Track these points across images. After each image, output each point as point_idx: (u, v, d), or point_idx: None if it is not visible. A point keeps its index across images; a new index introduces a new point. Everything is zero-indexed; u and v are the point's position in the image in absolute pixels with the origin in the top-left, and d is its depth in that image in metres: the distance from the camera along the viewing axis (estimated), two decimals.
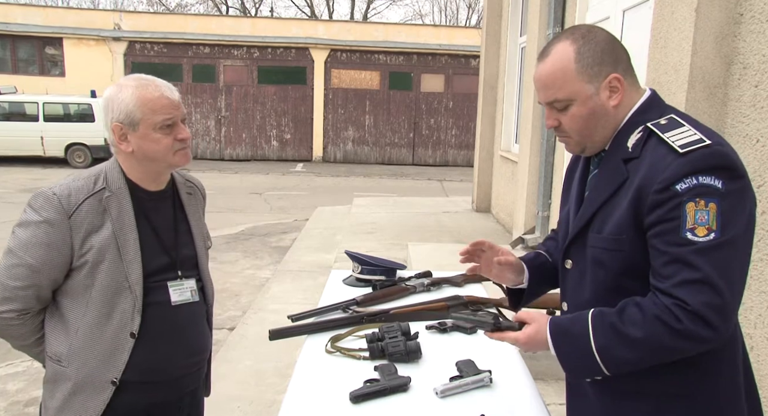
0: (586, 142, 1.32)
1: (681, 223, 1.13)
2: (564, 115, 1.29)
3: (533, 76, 1.35)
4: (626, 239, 1.22)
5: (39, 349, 1.67)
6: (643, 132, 1.25)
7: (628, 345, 1.17)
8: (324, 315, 2.02)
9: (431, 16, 37.90)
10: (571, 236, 1.37)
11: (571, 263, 1.39)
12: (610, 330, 1.19)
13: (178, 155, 1.64)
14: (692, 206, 1.13)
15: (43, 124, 14.71)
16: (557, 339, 1.26)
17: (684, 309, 1.12)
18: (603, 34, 1.29)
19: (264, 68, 18.54)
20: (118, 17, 18.38)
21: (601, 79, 1.26)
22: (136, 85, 1.59)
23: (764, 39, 2.43)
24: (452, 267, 3.01)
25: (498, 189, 7.95)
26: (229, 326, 4.68)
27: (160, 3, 31.06)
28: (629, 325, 1.17)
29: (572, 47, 1.26)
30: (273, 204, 10.90)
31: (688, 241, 1.13)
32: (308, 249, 6.99)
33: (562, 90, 1.27)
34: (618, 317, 1.19)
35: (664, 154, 1.18)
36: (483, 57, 8.33)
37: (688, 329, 1.12)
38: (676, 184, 1.14)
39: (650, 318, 1.15)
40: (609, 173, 1.29)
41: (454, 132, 19.19)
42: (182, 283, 1.71)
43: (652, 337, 1.15)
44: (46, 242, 1.53)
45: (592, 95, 1.26)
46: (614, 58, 1.27)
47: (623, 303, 1.21)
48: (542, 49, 1.33)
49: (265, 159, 18.78)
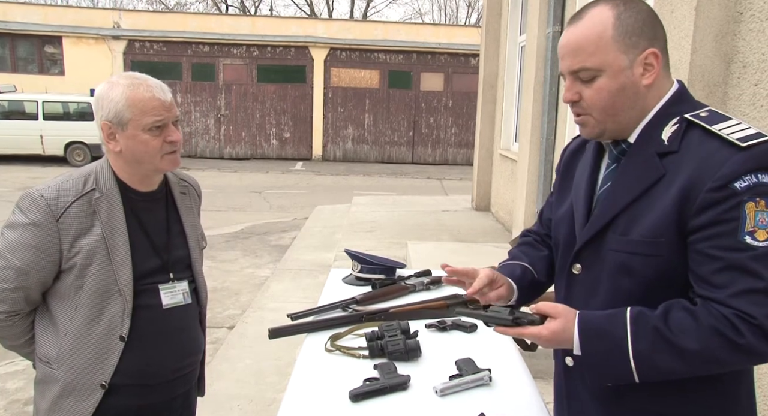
0: (608, 123, 1.18)
1: (739, 226, 1.02)
2: (588, 88, 1.16)
3: (560, 42, 1.19)
4: (665, 243, 1.10)
5: (29, 350, 1.66)
6: (680, 123, 1.13)
7: (676, 355, 1.05)
8: (323, 313, 2.01)
9: (431, 14, 37.92)
10: (586, 238, 1.22)
11: (580, 268, 1.25)
12: (655, 335, 1.06)
13: (165, 159, 1.60)
14: (752, 207, 1.02)
15: (42, 122, 14.69)
16: (587, 338, 1.12)
17: (747, 322, 1.00)
18: (645, 5, 1.16)
19: (263, 67, 18.52)
20: (118, 16, 18.35)
21: (637, 52, 1.13)
22: (127, 84, 1.55)
23: (764, 37, 2.43)
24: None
25: (497, 187, 7.95)
26: (229, 325, 4.68)
27: (159, 2, 31.04)
28: (679, 333, 1.04)
29: (612, 12, 1.13)
30: (272, 202, 10.90)
31: (747, 246, 1.02)
32: (308, 248, 6.98)
33: (594, 57, 1.13)
34: (663, 322, 1.06)
35: (717, 149, 1.06)
36: (482, 55, 8.33)
37: (751, 344, 1.01)
38: (735, 181, 1.02)
39: (707, 329, 1.03)
40: (638, 168, 1.15)
41: (453, 130, 19.18)
42: (174, 286, 1.69)
43: (707, 350, 1.03)
44: (34, 244, 1.51)
45: (625, 68, 1.13)
46: (655, 33, 1.15)
47: (666, 305, 1.09)
48: (576, 12, 1.20)
49: (264, 157, 18.77)
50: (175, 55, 18.14)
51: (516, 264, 1.48)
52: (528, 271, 1.46)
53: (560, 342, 1.15)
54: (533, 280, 1.45)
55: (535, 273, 1.46)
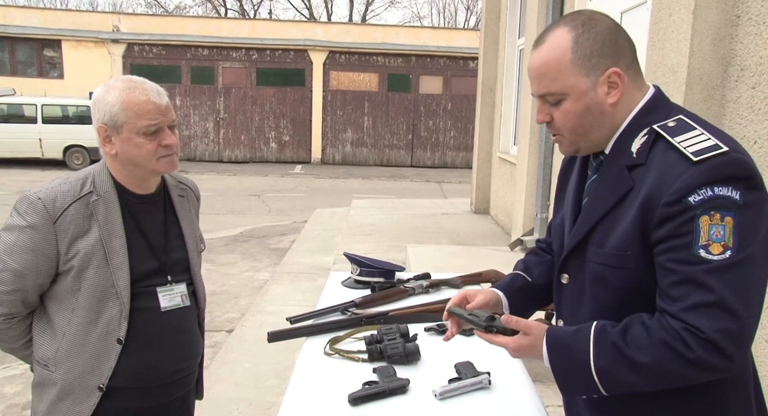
0: (580, 142, 1.20)
1: (693, 239, 1.02)
2: (556, 110, 1.17)
3: (527, 64, 1.22)
4: (631, 255, 1.11)
5: (27, 352, 1.66)
6: (648, 135, 1.13)
7: (631, 369, 1.06)
8: (323, 317, 2.01)
9: (430, 18, 37.94)
10: (568, 249, 1.25)
11: (567, 278, 1.28)
12: (612, 350, 1.08)
13: (161, 162, 1.60)
14: (706, 220, 1.01)
15: (41, 125, 14.69)
16: (554, 353, 1.15)
17: (696, 336, 1.01)
18: (606, 23, 1.15)
19: (263, 70, 18.54)
20: (117, 19, 18.37)
21: (599, 73, 1.13)
22: (123, 87, 1.55)
23: (761, 41, 2.44)
24: (451, 268, 2.99)
25: (496, 190, 7.96)
26: (228, 328, 4.67)
27: (158, 5, 31.10)
28: (634, 348, 1.06)
29: (570, 35, 1.14)
30: (272, 206, 10.90)
31: (701, 259, 1.01)
32: (307, 251, 6.98)
33: (556, 82, 1.15)
34: (621, 337, 1.08)
35: (675, 162, 1.06)
36: (481, 59, 8.34)
37: (701, 358, 1.01)
38: (689, 195, 1.02)
39: (658, 343, 1.04)
40: (611, 180, 1.16)
41: (452, 134, 19.19)
42: (172, 288, 1.69)
43: (660, 363, 1.04)
44: (31, 247, 1.52)
45: (588, 90, 1.14)
46: (616, 51, 1.14)
47: (628, 320, 1.10)
48: (539, 35, 1.20)
49: (263, 161, 18.77)
50: (175, 58, 18.16)
51: (511, 273, 1.52)
52: (518, 277, 1.49)
53: (527, 355, 1.19)
54: (523, 285, 1.47)
55: (528, 278, 1.48)
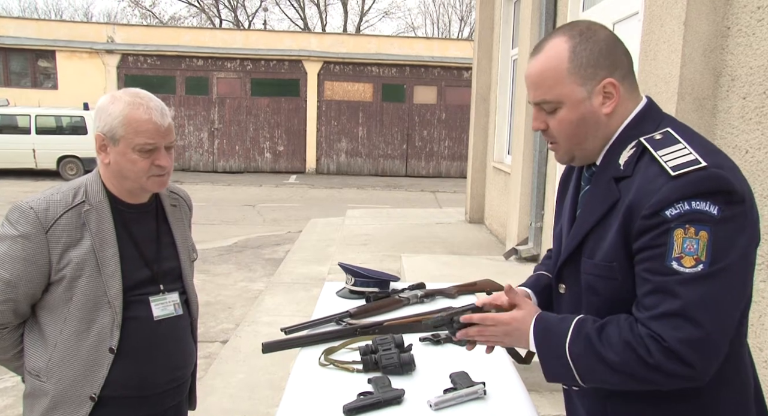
0: (575, 150, 1.22)
1: (667, 251, 1.05)
2: (552, 118, 1.20)
3: (525, 72, 1.24)
4: (617, 266, 1.14)
5: (18, 364, 1.65)
6: (636, 147, 1.15)
7: (601, 363, 1.10)
8: (317, 327, 2.01)
9: (424, 28, 38.16)
10: (563, 259, 1.27)
11: (564, 288, 1.30)
12: (584, 342, 1.12)
13: (151, 180, 1.61)
14: (680, 233, 1.04)
15: (35, 136, 14.66)
16: (537, 333, 1.19)
17: (658, 343, 1.04)
18: (604, 33, 1.18)
19: (257, 80, 18.59)
20: (111, 30, 18.40)
21: (595, 83, 1.15)
22: (128, 102, 1.56)
23: (751, 52, 2.47)
24: (446, 278, 3.00)
25: (491, 200, 7.98)
26: (222, 339, 4.65)
27: (153, 16, 31.17)
28: (606, 344, 1.10)
29: (567, 44, 1.16)
30: (266, 216, 10.88)
31: (672, 271, 1.04)
32: (301, 262, 6.97)
33: (552, 91, 1.17)
34: (597, 332, 1.12)
35: (656, 175, 1.08)
36: (475, 69, 8.39)
37: (661, 364, 1.04)
38: (666, 209, 1.05)
39: (623, 344, 1.08)
40: (600, 192, 1.19)
41: (446, 143, 19.26)
42: (164, 297, 1.69)
43: (624, 363, 1.08)
44: (23, 257, 1.51)
45: (584, 99, 1.16)
46: (612, 61, 1.16)
47: (608, 318, 1.14)
48: (537, 43, 1.23)
49: (258, 171, 18.77)
50: (169, 69, 18.19)
51: (534, 274, 1.56)
52: (542, 277, 1.51)
53: (516, 332, 1.23)
54: (549, 283, 1.46)
55: (549, 274, 1.49)
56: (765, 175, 2.39)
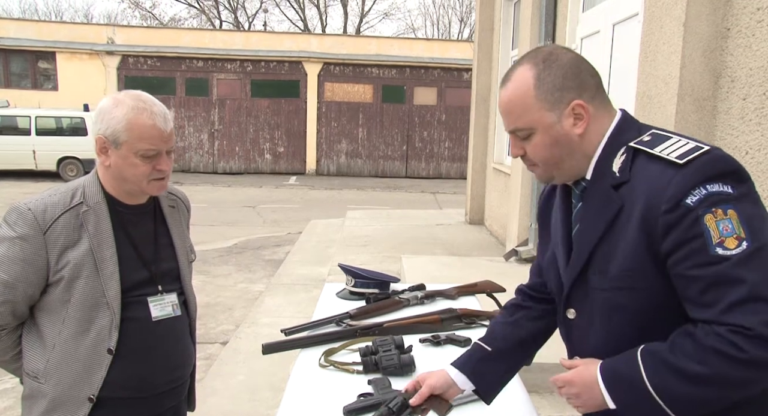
0: (553, 171, 1.23)
1: (705, 240, 1.00)
2: (528, 144, 1.21)
3: (497, 102, 1.26)
4: (641, 272, 1.09)
5: (17, 365, 1.65)
6: (626, 153, 1.15)
7: (686, 381, 1.01)
8: (317, 328, 2.01)
9: (424, 29, 38.16)
10: (569, 283, 1.23)
11: (574, 312, 1.25)
12: (663, 366, 1.04)
13: (152, 184, 1.61)
14: (711, 218, 1.00)
15: (35, 137, 14.65)
16: (611, 384, 1.09)
17: (743, 335, 0.97)
18: (566, 57, 1.19)
19: (257, 82, 18.60)
20: (112, 31, 18.42)
21: (563, 106, 1.16)
22: (132, 106, 1.55)
23: (751, 53, 2.47)
24: (446, 279, 3.00)
25: (491, 201, 7.98)
26: (222, 340, 4.64)
27: (153, 17, 31.19)
28: (683, 358, 1.02)
29: (532, 72, 1.17)
30: (266, 217, 10.88)
31: (721, 257, 0.99)
32: (301, 263, 6.97)
33: (522, 118, 1.18)
34: (670, 351, 1.04)
35: (661, 171, 1.07)
36: (475, 70, 8.40)
37: (756, 356, 0.96)
38: (686, 198, 1.02)
39: (708, 350, 1.00)
40: (598, 204, 1.17)
41: (447, 144, 19.26)
42: (163, 298, 1.69)
43: (714, 371, 0.99)
44: (21, 258, 1.51)
45: (554, 123, 1.17)
46: (578, 83, 1.17)
47: (673, 335, 1.07)
48: (505, 73, 1.24)
49: (258, 172, 18.77)
50: (169, 70, 18.19)
51: (471, 346, 1.47)
52: (478, 349, 1.43)
53: (586, 393, 1.13)
54: (485, 355, 1.41)
55: (487, 348, 1.42)
56: (765, 175, 2.39)
